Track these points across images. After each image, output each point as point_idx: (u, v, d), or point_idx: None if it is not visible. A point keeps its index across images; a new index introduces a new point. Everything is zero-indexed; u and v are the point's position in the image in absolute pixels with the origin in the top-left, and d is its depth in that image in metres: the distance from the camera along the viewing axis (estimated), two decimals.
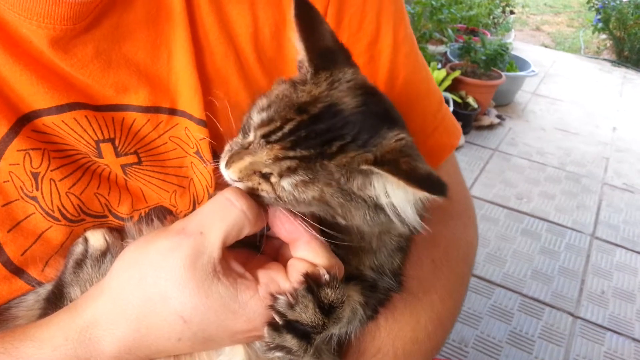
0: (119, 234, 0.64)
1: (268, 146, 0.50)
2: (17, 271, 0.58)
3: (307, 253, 0.51)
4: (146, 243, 0.51)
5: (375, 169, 0.49)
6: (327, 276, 0.50)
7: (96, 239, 0.61)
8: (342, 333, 0.59)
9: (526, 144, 3.71)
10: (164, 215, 0.66)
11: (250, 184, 0.52)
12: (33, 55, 0.53)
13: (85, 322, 0.49)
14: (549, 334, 2.25)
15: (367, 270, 0.61)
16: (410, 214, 0.51)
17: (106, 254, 0.61)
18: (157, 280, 0.48)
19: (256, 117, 0.53)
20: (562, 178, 3.35)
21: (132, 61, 0.57)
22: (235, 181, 0.52)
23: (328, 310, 0.50)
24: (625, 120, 4.22)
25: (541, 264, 2.62)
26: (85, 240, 0.61)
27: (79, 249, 0.61)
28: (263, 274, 0.51)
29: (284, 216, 0.52)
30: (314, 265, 0.51)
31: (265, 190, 0.52)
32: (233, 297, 0.49)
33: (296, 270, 0.50)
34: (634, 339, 2.25)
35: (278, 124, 0.51)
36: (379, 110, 0.54)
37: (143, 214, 0.65)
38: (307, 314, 0.48)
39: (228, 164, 0.52)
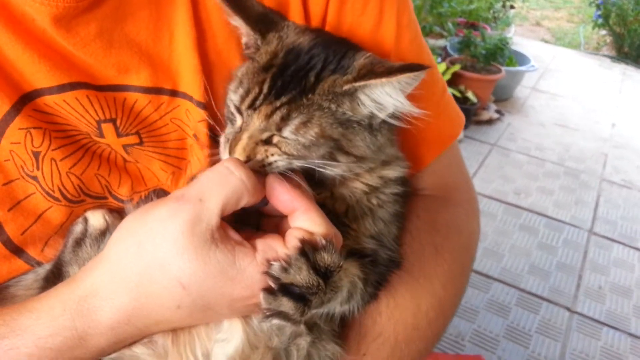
0: (119, 215, 0.64)
1: (256, 112, 0.54)
2: (17, 250, 0.58)
3: (305, 222, 0.52)
4: (144, 212, 0.51)
5: (357, 84, 0.54)
6: (323, 242, 0.51)
7: (96, 218, 0.61)
8: (345, 310, 0.59)
9: (525, 139, 3.70)
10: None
11: (259, 156, 0.53)
12: (35, 33, 0.53)
13: (84, 293, 0.49)
14: (546, 329, 2.25)
15: (367, 239, 0.62)
16: (402, 102, 0.56)
17: (105, 234, 0.61)
18: (155, 247, 0.48)
19: (234, 97, 0.56)
20: (560, 174, 3.35)
21: (134, 41, 0.58)
22: (246, 161, 0.54)
23: (324, 274, 0.50)
24: (624, 116, 4.22)
25: (539, 259, 2.63)
26: (85, 219, 0.61)
27: (78, 228, 0.61)
28: (261, 242, 0.52)
29: (281, 187, 0.53)
30: (312, 233, 0.51)
31: (274, 153, 0.53)
32: (231, 263, 0.49)
33: (293, 237, 0.51)
34: (631, 334, 2.26)
35: (256, 89, 0.55)
36: (334, 39, 0.61)
37: (142, 197, 0.65)
38: (301, 275, 0.49)
39: (231, 150, 0.53)
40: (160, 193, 0.66)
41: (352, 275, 0.57)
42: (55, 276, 0.59)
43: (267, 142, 0.54)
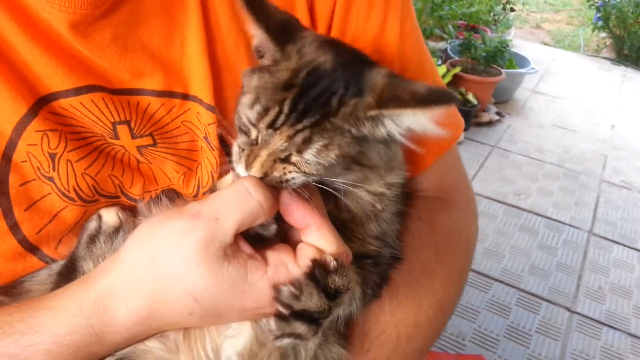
0: (132, 212, 0.65)
1: (277, 132, 0.52)
2: (32, 249, 0.60)
3: (317, 239, 0.52)
4: (159, 222, 0.51)
5: (385, 111, 0.53)
6: (334, 263, 0.51)
7: (110, 216, 0.63)
8: (346, 314, 0.60)
9: (525, 141, 3.72)
10: (173, 197, 0.67)
11: (276, 173, 0.53)
12: (52, 38, 0.55)
13: (99, 294, 0.50)
14: (546, 329, 2.27)
15: (372, 240, 0.63)
16: (432, 129, 0.54)
17: (119, 231, 0.62)
18: (169, 260, 0.49)
19: (251, 114, 0.53)
20: (560, 175, 3.37)
21: (148, 47, 0.59)
22: (262, 178, 0.53)
23: (334, 296, 0.50)
24: (623, 118, 4.24)
25: (539, 260, 2.64)
26: (99, 217, 0.63)
27: (92, 225, 0.62)
28: (272, 256, 0.52)
29: (295, 204, 0.53)
30: (323, 251, 0.52)
31: (292, 171, 0.53)
32: (243, 278, 0.50)
33: (305, 255, 0.51)
34: (630, 334, 2.27)
35: (277, 109, 0.52)
36: (352, 56, 0.59)
37: (153, 196, 0.66)
38: (312, 301, 0.49)
39: (248, 166, 0.53)
40: (171, 193, 0.67)
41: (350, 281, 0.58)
42: (70, 271, 0.61)
43: (285, 160, 0.53)
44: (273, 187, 0.53)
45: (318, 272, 0.50)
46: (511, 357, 2.14)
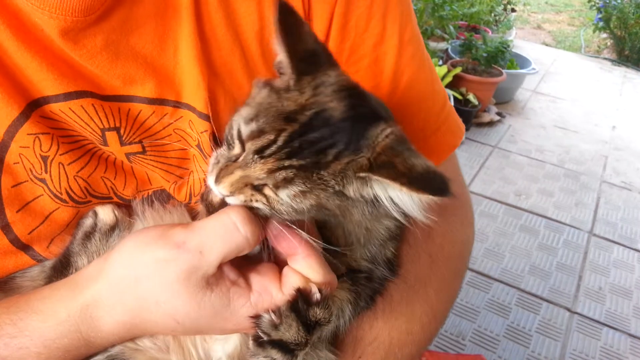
0: (127, 210, 0.66)
1: (262, 160, 0.50)
2: (24, 247, 0.60)
3: (303, 267, 0.52)
4: (144, 245, 0.51)
5: (374, 176, 0.49)
6: (318, 295, 0.51)
7: (105, 213, 0.63)
8: (332, 328, 0.60)
9: (526, 142, 3.72)
10: (165, 199, 0.67)
11: (242, 197, 0.51)
12: (44, 43, 0.55)
13: (86, 301, 0.51)
14: (546, 329, 2.27)
15: (362, 261, 0.62)
16: (414, 211, 0.51)
17: (114, 229, 0.63)
18: (151, 286, 0.50)
19: (244, 129, 0.51)
20: (561, 175, 3.37)
21: (140, 54, 0.59)
22: (226, 196, 0.52)
23: (313, 328, 0.51)
24: (624, 119, 4.24)
25: (539, 260, 2.64)
26: (95, 214, 0.63)
27: (88, 221, 0.63)
28: (257, 281, 0.52)
29: (281, 233, 0.53)
30: (308, 280, 0.51)
31: (259, 201, 0.51)
32: (225, 305, 0.50)
33: (290, 283, 0.51)
34: (630, 335, 2.28)
35: (272, 136, 0.50)
36: (365, 112, 0.54)
37: (145, 196, 0.67)
38: (290, 332, 0.49)
39: (218, 180, 0.51)
40: (163, 194, 0.67)
41: (340, 300, 0.58)
42: (63, 266, 0.61)
43: (257, 188, 0.51)
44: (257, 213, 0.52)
45: (301, 303, 0.50)
46: (511, 357, 2.14)
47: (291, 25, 0.54)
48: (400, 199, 0.50)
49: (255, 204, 0.51)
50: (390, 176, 0.48)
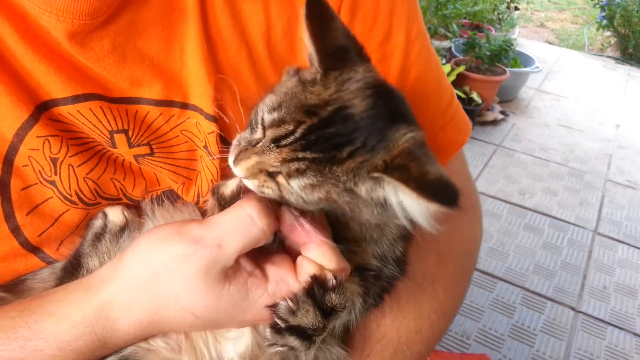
0: (136, 211, 0.66)
1: (277, 150, 0.51)
2: (33, 250, 0.60)
3: (317, 255, 0.53)
4: (160, 241, 0.52)
5: (387, 177, 0.49)
6: (333, 281, 0.51)
7: (115, 214, 0.63)
8: (343, 322, 0.61)
9: (529, 140, 3.71)
10: (175, 199, 0.67)
11: (256, 181, 0.53)
12: (51, 46, 0.55)
13: (101, 303, 0.51)
14: (551, 328, 2.26)
15: (371, 259, 0.62)
16: (420, 219, 0.51)
17: (124, 230, 0.63)
18: (170, 281, 0.50)
19: (267, 117, 0.52)
20: (565, 174, 3.36)
21: (147, 56, 0.59)
22: (242, 178, 0.54)
23: (329, 313, 0.51)
24: (628, 117, 4.23)
25: (543, 259, 2.64)
26: (105, 215, 0.63)
27: (98, 223, 0.63)
28: (273, 271, 0.53)
29: (297, 224, 0.53)
30: (322, 267, 0.52)
31: (270, 188, 0.53)
32: (244, 297, 0.51)
33: (305, 271, 0.52)
34: (635, 334, 2.27)
35: (290, 127, 0.50)
36: (388, 111, 0.54)
37: (155, 196, 0.67)
38: (308, 317, 0.50)
39: (236, 161, 0.53)
40: (172, 193, 0.67)
41: (350, 293, 0.58)
42: (74, 267, 0.61)
43: (271, 175, 0.52)
44: (273, 201, 0.53)
45: (316, 289, 0.51)
46: (516, 356, 2.14)
47: (321, 20, 0.54)
48: (409, 204, 0.50)
49: (265, 190, 0.53)
50: (402, 179, 0.48)
